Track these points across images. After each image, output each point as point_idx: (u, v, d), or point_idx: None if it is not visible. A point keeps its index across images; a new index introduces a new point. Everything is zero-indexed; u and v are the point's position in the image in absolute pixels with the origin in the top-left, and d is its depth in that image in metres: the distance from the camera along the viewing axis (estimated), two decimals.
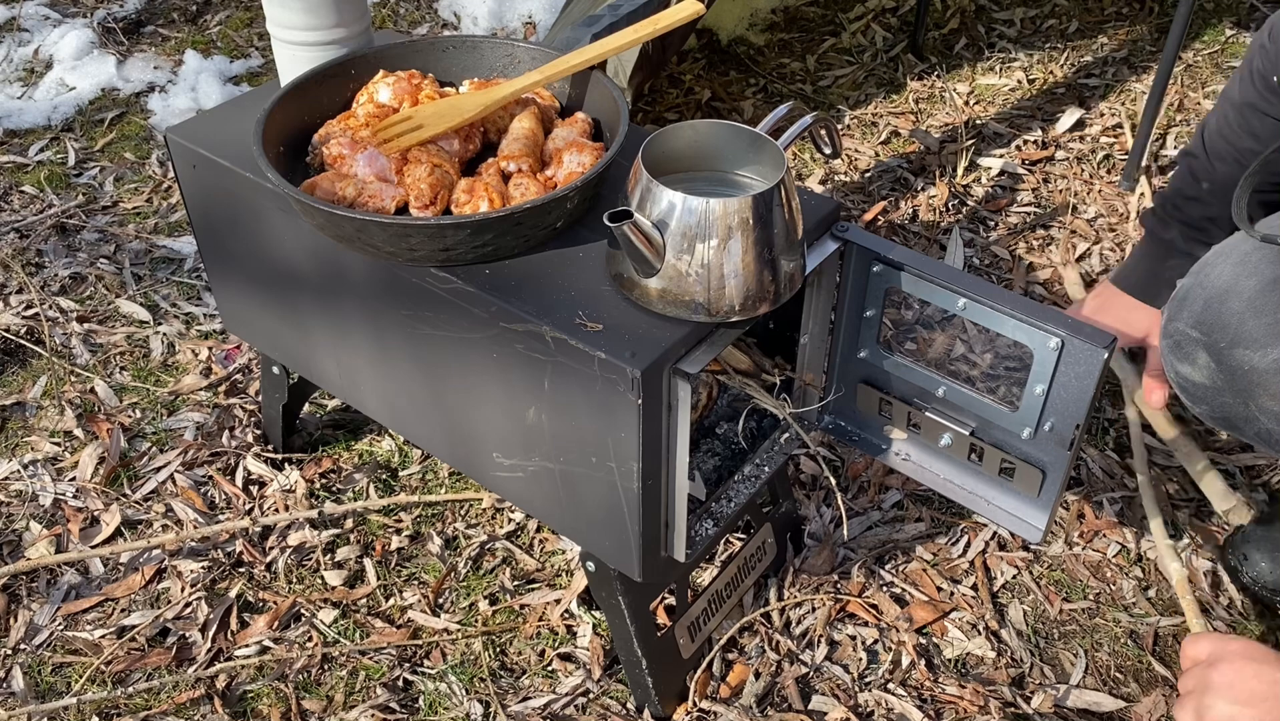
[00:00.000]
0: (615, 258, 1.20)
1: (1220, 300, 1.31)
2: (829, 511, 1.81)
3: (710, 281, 1.14)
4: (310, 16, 1.46)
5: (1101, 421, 1.96)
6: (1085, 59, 3.05)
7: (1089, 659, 1.62)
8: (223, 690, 1.58)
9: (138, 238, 2.42)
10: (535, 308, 1.20)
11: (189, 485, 1.88)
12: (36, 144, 2.76)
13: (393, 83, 1.44)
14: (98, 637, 1.65)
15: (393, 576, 1.74)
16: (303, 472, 1.89)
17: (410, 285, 1.30)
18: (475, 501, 1.85)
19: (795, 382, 1.48)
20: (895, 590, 1.70)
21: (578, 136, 1.39)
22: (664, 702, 1.52)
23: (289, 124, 1.39)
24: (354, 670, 1.61)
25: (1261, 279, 1.28)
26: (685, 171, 1.24)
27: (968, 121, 2.78)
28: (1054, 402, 1.24)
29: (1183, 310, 1.36)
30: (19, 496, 1.86)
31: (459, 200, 1.30)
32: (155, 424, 2.00)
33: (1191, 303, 1.35)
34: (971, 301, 1.25)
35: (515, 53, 1.51)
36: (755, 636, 1.64)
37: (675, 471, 1.25)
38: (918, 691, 1.56)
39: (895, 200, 2.52)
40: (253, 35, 3.24)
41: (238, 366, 2.10)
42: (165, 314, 2.23)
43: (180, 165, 1.52)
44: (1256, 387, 1.27)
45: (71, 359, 2.12)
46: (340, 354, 1.52)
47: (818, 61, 3.06)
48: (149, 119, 2.86)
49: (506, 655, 1.64)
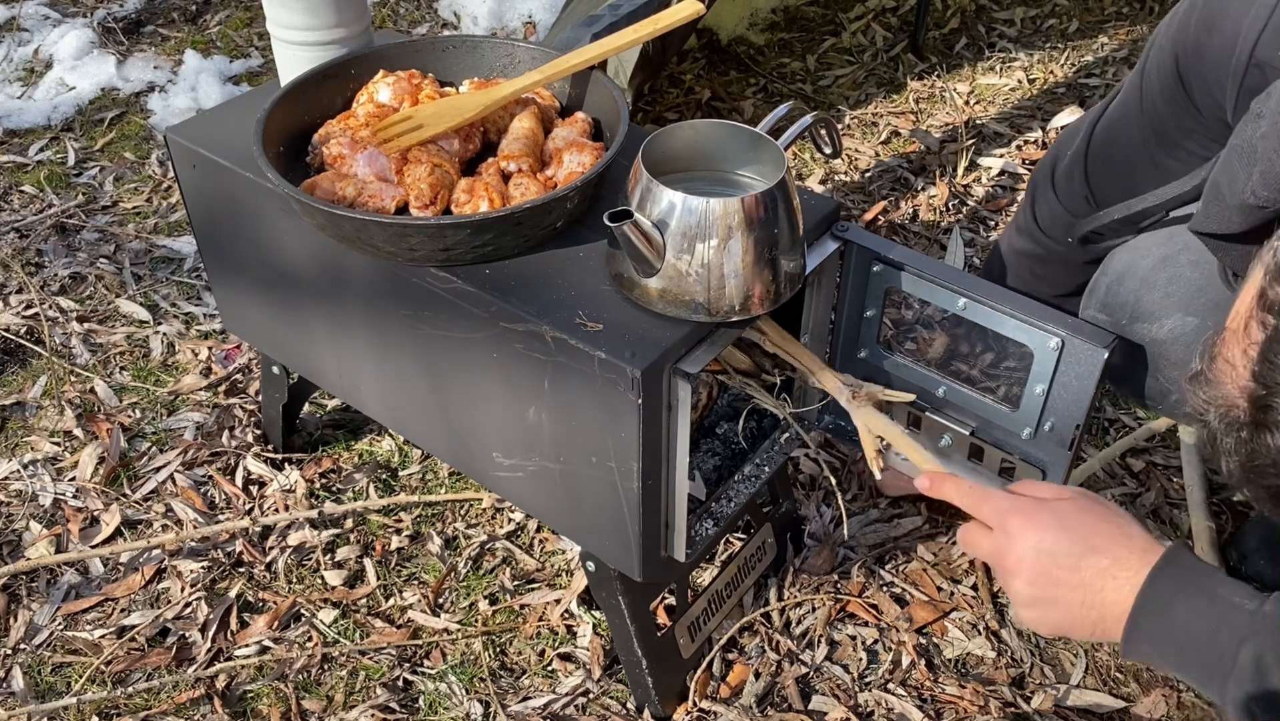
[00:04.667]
0: (615, 257, 1.20)
1: (1119, 282, 1.37)
2: (829, 511, 1.81)
3: (710, 281, 1.14)
4: (310, 16, 1.46)
5: (1101, 421, 1.96)
6: (1086, 59, 3.05)
7: (1089, 659, 1.62)
8: (223, 690, 1.58)
9: (138, 237, 2.42)
10: (535, 307, 1.20)
11: (189, 485, 1.88)
12: (36, 144, 2.76)
13: (393, 83, 1.44)
14: (98, 637, 1.65)
15: (393, 576, 1.74)
16: (303, 472, 1.89)
17: (410, 285, 1.30)
18: (475, 501, 1.85)
19: (795, 382, 1.48)
20: (895, 590, 1.70)
21: (578, 136, 1.39)
22: (664, 702, 1.52)
23: (289, 124, 1.39)
24: (354, 670, 1.61)
25: (1153, 258, 1.34)
26: (685, 171, 1.24)
27: (968, 121, 2.78)
28: (1054, 402, 1.24)
29: (1091, 299, 1.42)
30: (19, 496, 1.86)
31: (459, 200, 1.30)
32: (155, 424, 2.00)
33: (1096, 290, 1.41)
34: (971, 301, 1.25)
35: (515, 53, 1.51)
36: (755, 636, 1.64)
37: (675, 471, 1.25)
38: (918, 691, 1.56)
39: (895, 200, 2.52)
40: (253, 35, 3.24)
41: (238, 366, 2.09)
42: (165, 314, 2.23)
43: (180, 165, 1.52)
44: (1160, 359, 1.32)
45: (71, 359, 2.12)
46: (340, 354, 1.52)
47: (818, 61, 3.06)
48: (149, 119, 2.86)
49: (506, 655, 1.63)
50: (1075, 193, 1.46)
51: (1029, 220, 1.55)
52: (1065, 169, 1.47)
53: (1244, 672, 0.88)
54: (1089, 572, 0.97)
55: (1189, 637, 0.92)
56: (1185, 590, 0.93)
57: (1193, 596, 0.92)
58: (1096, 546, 0.97)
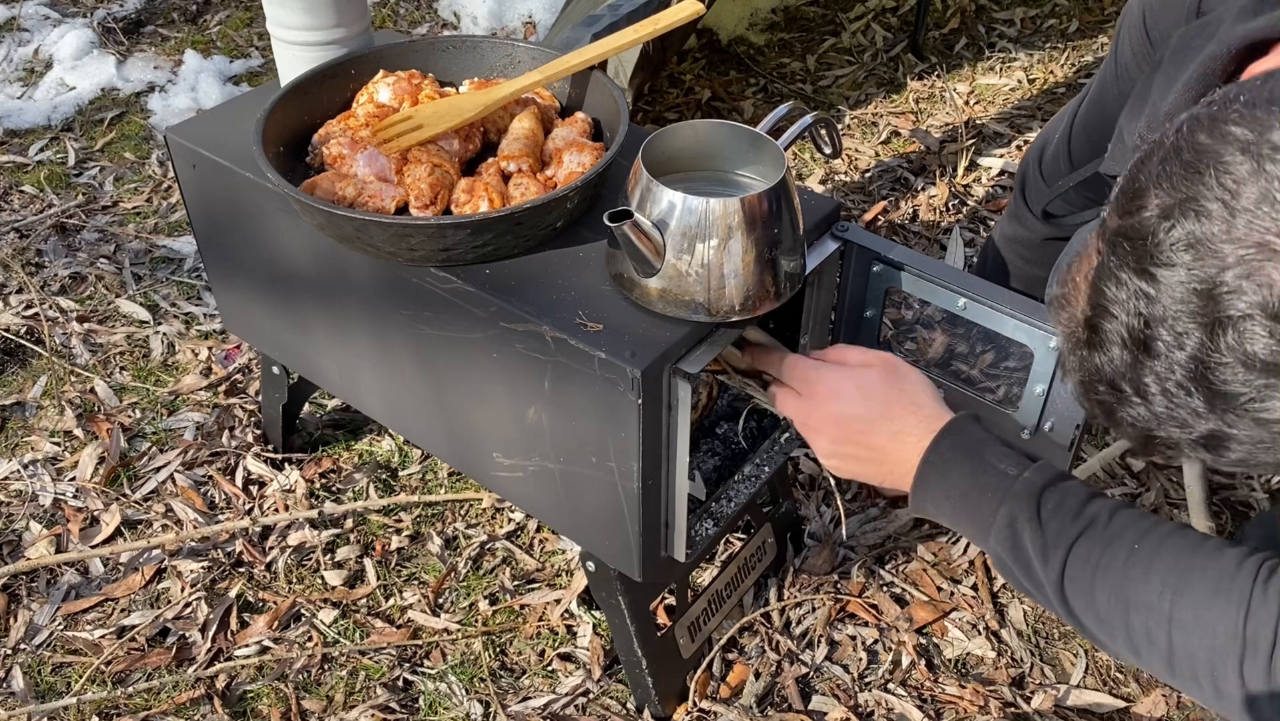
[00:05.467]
0: (615, 257, 1.20)
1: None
2: (829, 511, 1.81)
3: (710, 281, 1.13)
4: (310, 16, 1.46)
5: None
6: (1085, 59, 3.05)
7: (1089, 659, 1.62)
8: (223, 690, 1.58)
9: (138, 237, 2.42)
10: (535, 307, 1.20)
11: (189, 485, 1.88)
12: (36, 144, 2.76)
13: (393, 83, 1.44)
14: (98, 637, 1.65)
15: (393, 576, 1.74)
16: (303, 472, 1.89)
17: (410, 285, 1.30)
18: (475, 501, 1.84)
19: None
20: (895, 590, 1.70)
21: (578, 136, 1.39)
22: (664, 702, 1.52)
23: (289, 124, 1.39)
24: (354, 670, 1.61)
25: None
26: (685, 171, 1.24)
27: (968, 121, 2.78)
28: (1054, 403, 1.24)
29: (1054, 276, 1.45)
30: (19, 496, 1.86)
31: (459, 200, 1.30)
32: (155, 424, 2.00)
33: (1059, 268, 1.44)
34: (971, 301, 1.25)
35: (515, 53, 1.51)
36: (755, 636, 1.64)
37: (675, 471, 1.25)
38: (918, 691, 1.56)
39: (895, 200, 2.52)
40: (253, 35, 3.24)
41: (238, 366, 2.09)
42: (165, 314, 2.23)
43: (180, 165, 1.52)
44: None
45: (71, 359, 2.12)
46: (340, 353, 1.52)
47: (818, 61, 3.06)
48: (149, 119, 2.86)
49: (506, 655, 1.63)
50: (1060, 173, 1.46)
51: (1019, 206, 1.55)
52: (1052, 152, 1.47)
53: (1000, 530, 1.01)
54: (880, 436, 1.11)
55: (961, 497, 1.05)
56: (962, 456, 1.06)
57: (967, 461, 1.05)
58: (888, 413, 1.11)
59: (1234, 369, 0.75)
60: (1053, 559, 0.97)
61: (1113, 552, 0.95)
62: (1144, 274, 0.77)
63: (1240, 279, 0.73)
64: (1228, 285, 0.74)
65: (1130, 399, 0.84)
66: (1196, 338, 0.76)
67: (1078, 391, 0.90)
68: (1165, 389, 0.80)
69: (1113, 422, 0.89)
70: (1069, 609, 0.98)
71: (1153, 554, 0.94)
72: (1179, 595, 0.91)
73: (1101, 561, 0.95)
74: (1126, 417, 0.86)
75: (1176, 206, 0.75)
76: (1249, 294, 0.73)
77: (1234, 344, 0.74)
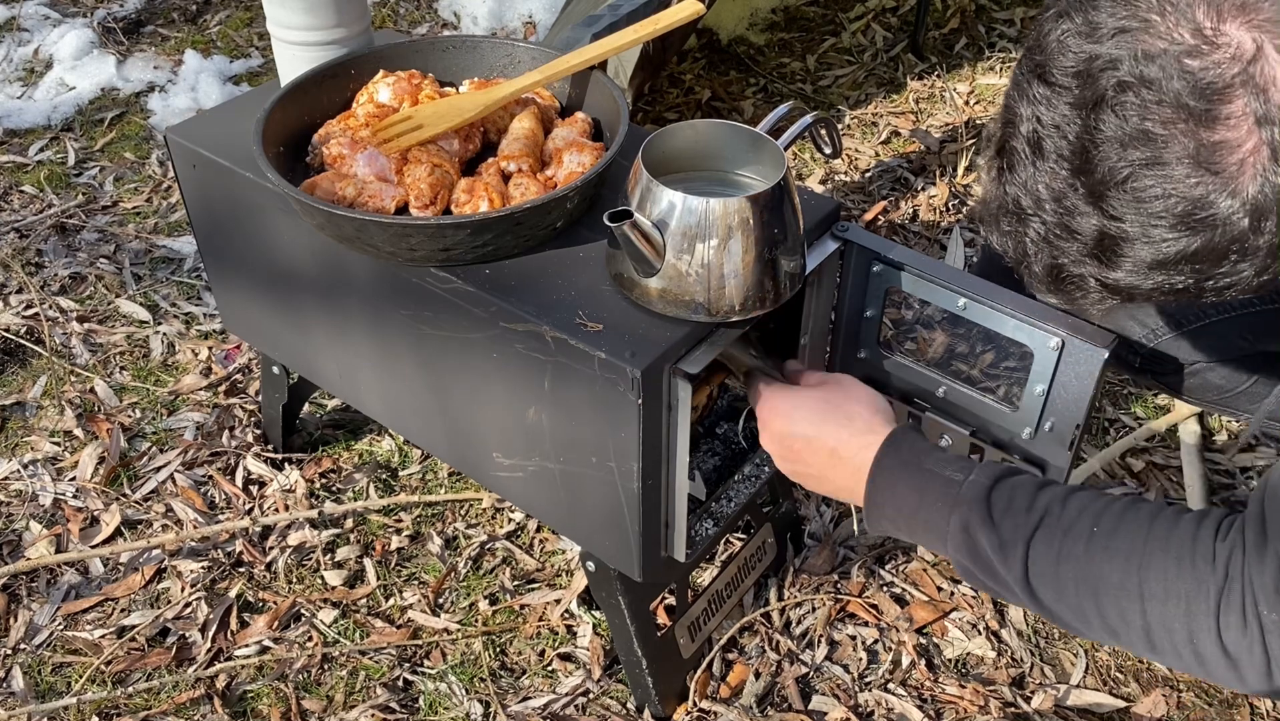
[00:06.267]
0: (615, 257, 1.20)
1: None
2: (829, 511, 1.81)
3: (710, 281, 1.14)
4: (310, 16, 1.46)
5: (1101, 421, 1.96)
6: None
7: (1089, 658, 1.62)
8: (223, 690, 1.58)
9: (138, 237, 2.42)
10: (535, 307, 1.20)
11: (189, 485, 1.88)
12: (36, 144, 2.76)
13: (393, 83, 1.44)
14: (98, 637, 1.65)
15: (393, 576, 1.74)
16: (303, 472, 1.89)
17: (410, 285, 1.30)
18: (475, 501, 1.85)
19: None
20: (895, 590, 1.70)
21: (578, 136, 1.39)
22: (664, 702, 1.52)
23: (289, 124, 1.39)
24: (354, 670, 1.61)
25: None
26: (685, 171, 1.24)
27: (968, 121, 2.78)
28: (1054, 403, 1.24)
29: None
30: (19, 496, 1.86)
31: (459, 200, 1.30)
32: (155, 424, 2.00)
33: None
34: (971, 301, 1.25)
35: (515, 53, 1.51)
36: (755, 636, 1.64)
37: (675, 471, 1.25)
38: (918, 691, 1.57)
39: (895, 200, 2.52)
40: (253, 35, 3.24)
41: (238, 366, 2.10)
42: (165, 314, 2.23)
43: (180, 165, 1.52)
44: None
45: (71, 359, 2.12)
46: (340, 353, 1.52)
47: (818, 61, 3.06)
48: (149, 119, 2.86)
49: (506, 655, 1.64)
50: None
51: None
52: None
53: (955, 538, 1.02)
54: (819, 454, 1.16)
55: (912, 513, 1.06)
56: (904, 471, 1.08)
57: (911, 476, 1.07)
58: (822, 431, 1.15)
59: (1112, 146, 0.79)
60: (1013, 557, 0.98)
61: (1073, 539, 0.96)
62: (1041, 79, 0.83)
63: (1117, 49, 0.77)
64: (1104, 57, 0.77)
65: (1030, 218, 0.87)
66: (1078, 124, 0.80)
67: (991, 231, 0.94)
68: (1053, 189, 0.84)
69: (1022, 258, 0.92)
70: (1039, 603, 0.98)
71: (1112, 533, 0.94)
72: (1145, 569, 0.92)
73: (1063, 550, 0.96)
74: (1031, 245, 0.89)
75: (1069, 5, 0.81)
76: (1125, 64, 0.77)
77: (1110, 119, 0.78)
